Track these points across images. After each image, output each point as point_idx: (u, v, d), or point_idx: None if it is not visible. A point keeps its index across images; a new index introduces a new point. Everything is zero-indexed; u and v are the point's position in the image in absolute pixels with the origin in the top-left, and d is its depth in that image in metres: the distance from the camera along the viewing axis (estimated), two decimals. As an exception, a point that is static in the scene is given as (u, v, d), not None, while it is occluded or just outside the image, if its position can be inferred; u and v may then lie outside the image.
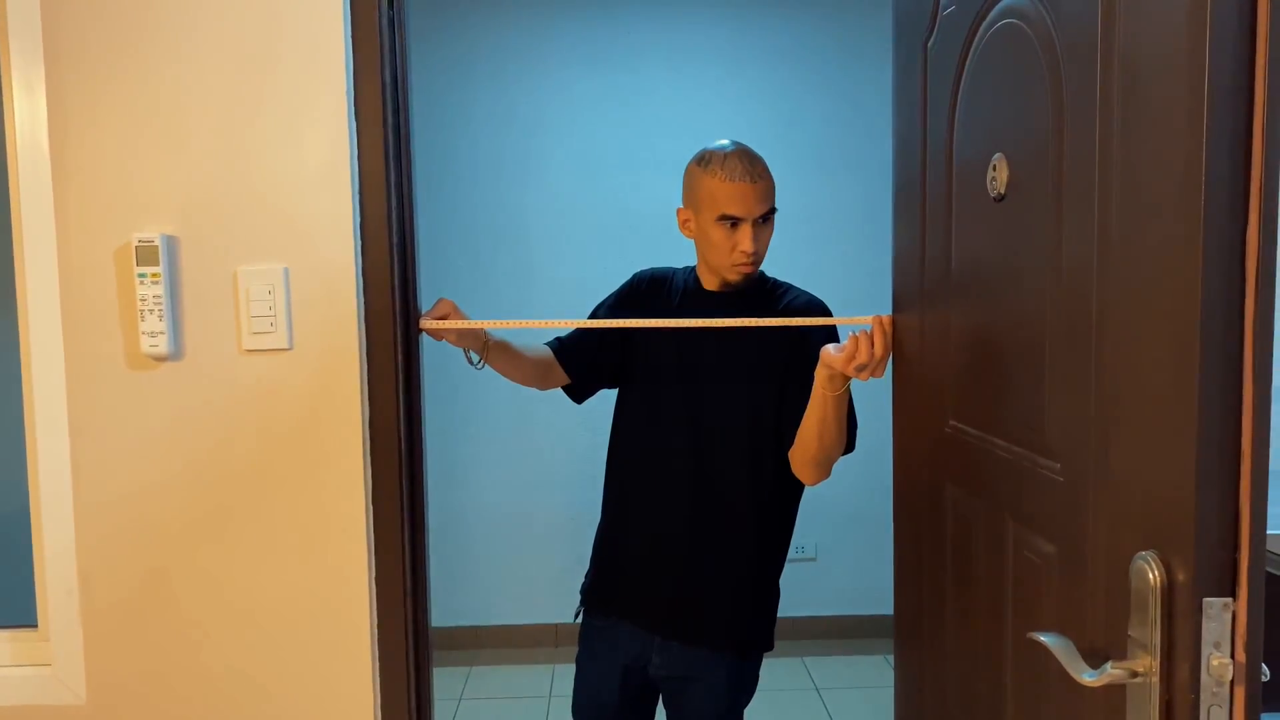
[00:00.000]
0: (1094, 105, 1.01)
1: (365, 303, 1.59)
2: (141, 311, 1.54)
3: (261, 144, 1.55)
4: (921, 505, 1.56)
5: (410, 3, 1.68)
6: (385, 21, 1.59)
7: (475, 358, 1.86)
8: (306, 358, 1.58)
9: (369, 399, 1.60)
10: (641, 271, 2.04)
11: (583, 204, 3.91)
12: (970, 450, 1.36)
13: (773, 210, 1.83)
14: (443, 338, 1.78)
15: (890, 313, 1.66)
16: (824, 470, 1.82)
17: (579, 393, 2.05)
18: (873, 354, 1.60)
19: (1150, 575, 0.91)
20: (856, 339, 1.61)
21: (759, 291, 1.92)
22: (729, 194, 1.78)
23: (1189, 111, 0.85)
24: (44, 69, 1.53)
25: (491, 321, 1.79)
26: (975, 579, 1.36)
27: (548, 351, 1.99)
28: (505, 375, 1.95)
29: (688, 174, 1.88)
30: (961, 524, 1.41)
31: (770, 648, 1.95)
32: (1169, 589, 0.90)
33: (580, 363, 1.99)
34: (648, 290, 1.99)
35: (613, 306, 2.00)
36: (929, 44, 1.47)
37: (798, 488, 1.93)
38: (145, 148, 1.55)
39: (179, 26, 1.53)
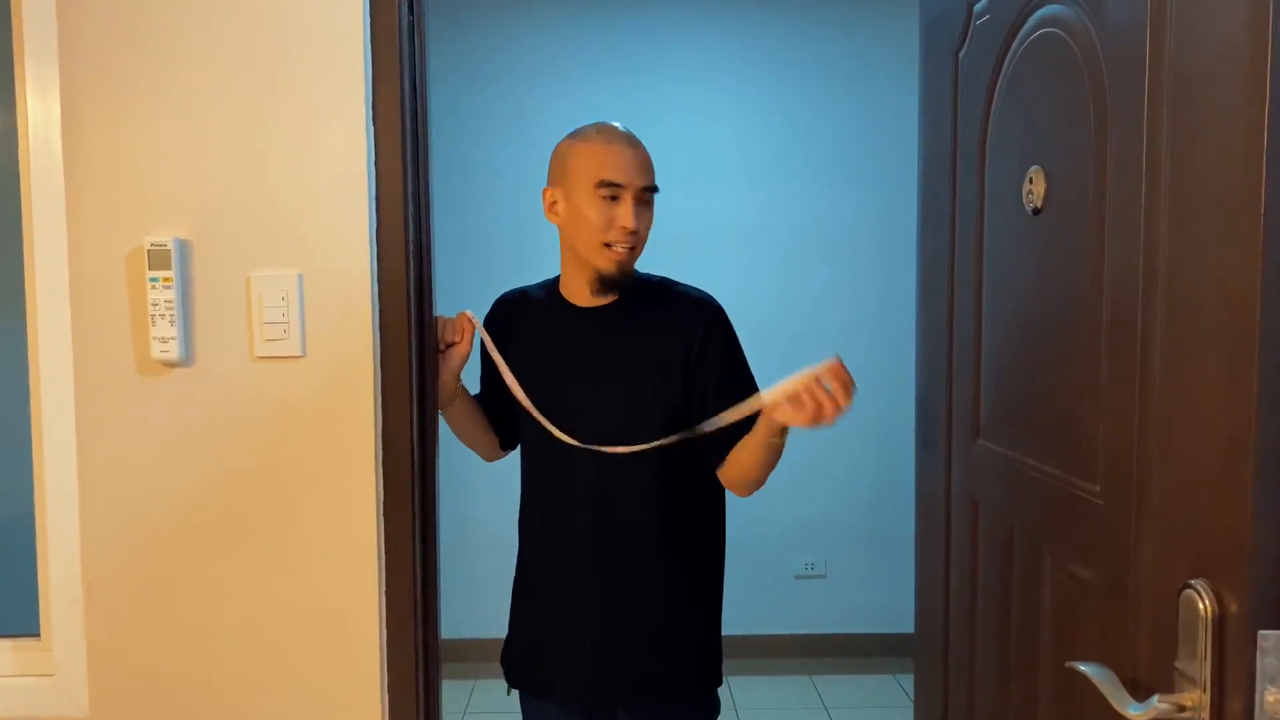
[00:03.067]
0: (1140, 115, 0.98)
1: (380, 311, 1.56)
2: (153, 316, 1.51)
3: (277, 148, 1.52)
4: (947, 527, 1.53)
5: (428, 9, 1.66)
6: (405, 26, 1.56)
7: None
8: (319, 366, 1.55)
9: (382, 409, 1.57)
10: (499, 296, 1.88)
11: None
12: (1001, 471, 1.32)
13: (653, 189, 1.63)
14: (455, 349, 1.70)
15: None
16: (761, 484, 1.66)
17: (507, 446, 1.90)
18: (830, 403, 1.36)
19: (1200, 605, 0.87)
20: (805, 396, 1.37)
21: (641, 291, 1.70)
22: (606, 158, 1.60)
23: (1249, 121, 0.82)
24: (58, 71, 1.51)
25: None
26: (1005, 604, 1.32)
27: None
28: (460, 431, 1.82)
29: (557, 151, 1.70)
30: (991, 546, 1.37)
31: (720, 681, 1.78)
32: (1220, 620, 0.86)
33: (498, 417, 1.83)
34: (506, 315, 1.81)
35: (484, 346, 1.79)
36: (960, 53, 1.44)
37: (721, 504, 1.75)
38: (159, 150, 1.52)
39: (195, 29, 1.51)
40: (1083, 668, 0.99)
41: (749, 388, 1.61)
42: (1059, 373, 1.18)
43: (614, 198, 1.60)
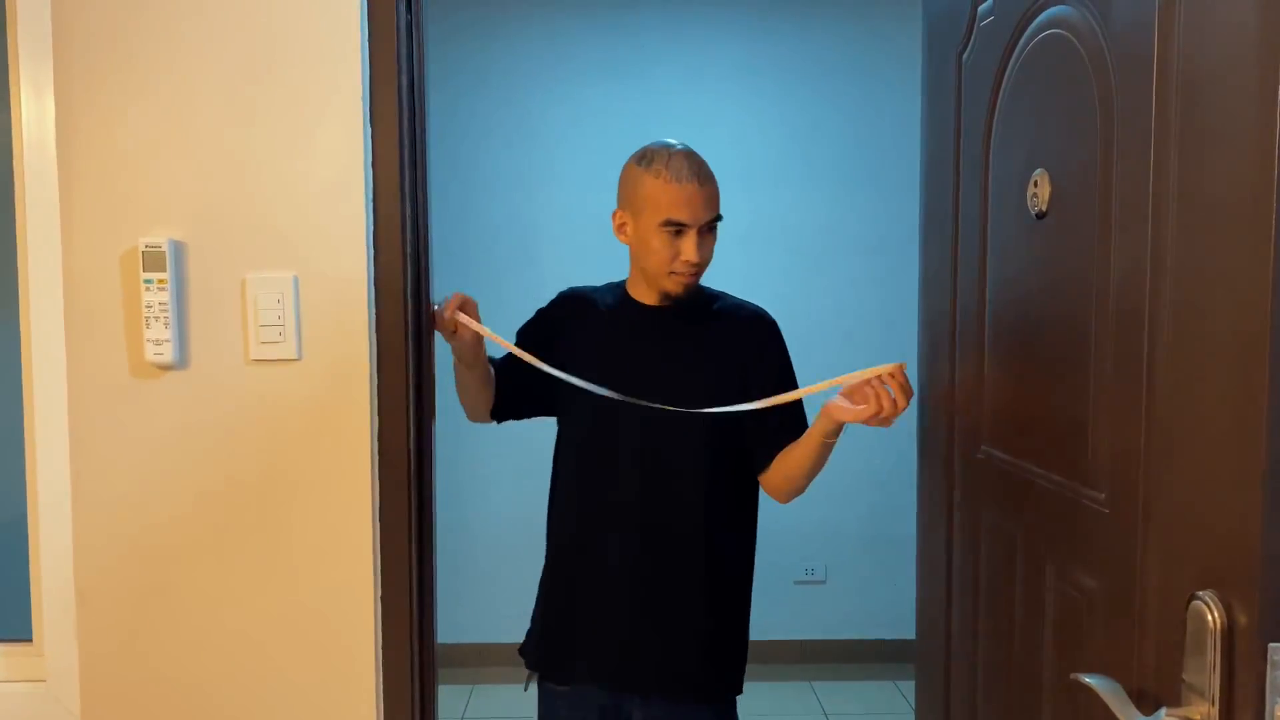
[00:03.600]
0: (1148, 118, 0.97)
1: (377, 313, 1.54)
2: (147, 318, 1.49)
3: (273, 149, 1.51)
4: (949, 533, 1.51)
5: (426, 10, 1.64)
6: (403, 26, 1.55)
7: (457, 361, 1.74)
8: (315, 369, 1.53)
9: (379, 412, 1.55)
10: (562, 291, 1.91)
11: (595, 216, 3.85)
12: (1005, 478, 1.31)
13: (718, 218, 1.68)
14: (460, 336, 1.66)
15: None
16: (802, 492, 1.71)
17: (498, 414, 1.89)
18: (895, 407, 1.42)
19: (1209, 617, 0.86)
20: (871, 392, 1.43)
21: (697, 303, 1.76)
22: (674, 197, 1.63)
23: (1259, 124, 0.80)
24: (53, 70, 1.49)
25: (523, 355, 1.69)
26: (1009, 613, 1.30)
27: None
28: (465, 390, 1.81)
29: (626, 173, 1.73)
30: (994, 554, 1.36)
31: (740, 690, 1.82)
32: (1229, 632, 0.85)
33: (503, 388, 1.84)
34: (565, 312, 1.86)
35: (533, 332, 1.85)
36: (964, 56, 1.43)
37: (754, 512, 1.80)
38: (154, 151, 1.51)
39: (190, 30, 1.50)
40: (1087, 679, 0.97)
41: (798, 402, 1.66)
42: (1064, 379, 1.16)
43: (679, 232, 1.65)
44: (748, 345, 1.71)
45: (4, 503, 1.65)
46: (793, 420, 1.68)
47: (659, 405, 1.63)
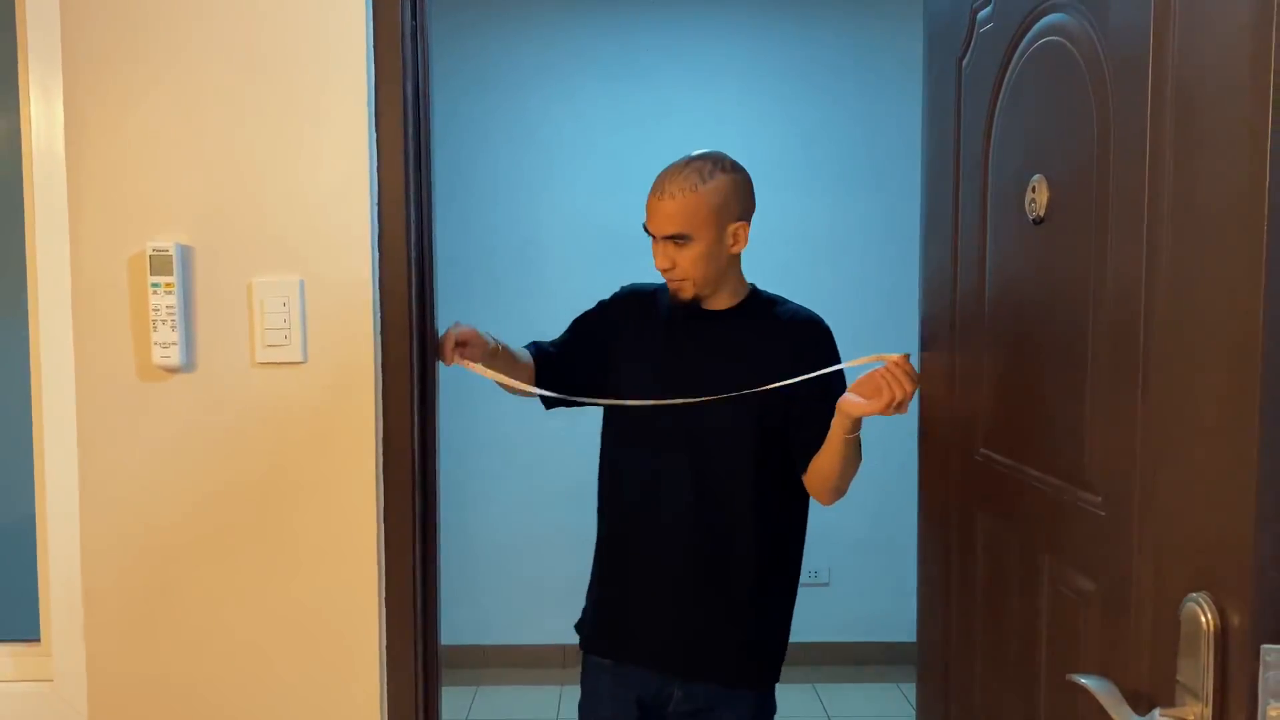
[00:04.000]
0: (1144, 124, 0.98)
1: (382, 317, 1.56)
2: (154, 321, 1.51)
3: (279, 154, 1.52)
4: (949, 535, 1.52)
5: (430, 13, 1.66)
6: (408, 30, 1.56)
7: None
8: (320, 372, 1.55)
9: (383, 415, 1.56)
10: (623, 287, 1.99)
11: (599, 220, 3.88)
12: (1003, 480, 1.32)
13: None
14: (460, 363, 1.72)
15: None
16: (843, 492, 1.77)
17: (548, 402, 1.94)
18: (905, 392, 1.52)
19: (1202, 619, 0.87)
20: (883, 382, 1.53)
21: (754, 305, 1.85)
22: (649, 207, 1.76)
23: (1252, 130, 0.81)
24: (62, 76, 1.51)
25: (529, 388, 1.77)
26: (1007, 614, 1.31)
27: (530, 359, 1.91)
28: (502, 384, 1.84)
29: None
30: (992, 556, 1.37)
31: (778, 678, 1.89)
32: (1223, 633, 0.86)
33: (554, 377, 1.89)
34: (629, 306, 1.93)
35: (593, 322, 1.94)
36: (964, 61, 1.44)
37: (804, 506, 1.86)
38: (162, 156, 1.52)
39: (198, 34, 1.51)
40: (1083, 680, 0.98)
41: (828, 408, 1.69)
42: (1061, 382, 1.17)
43: (658, 241, 1.76)
44: (797, 348, 1.75)
45: (13, 504, 1.67)
46: (821, 426, 1.70)
47: (686, 399, 1.71)
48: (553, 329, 2.03)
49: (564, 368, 1.91)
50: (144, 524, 1.56)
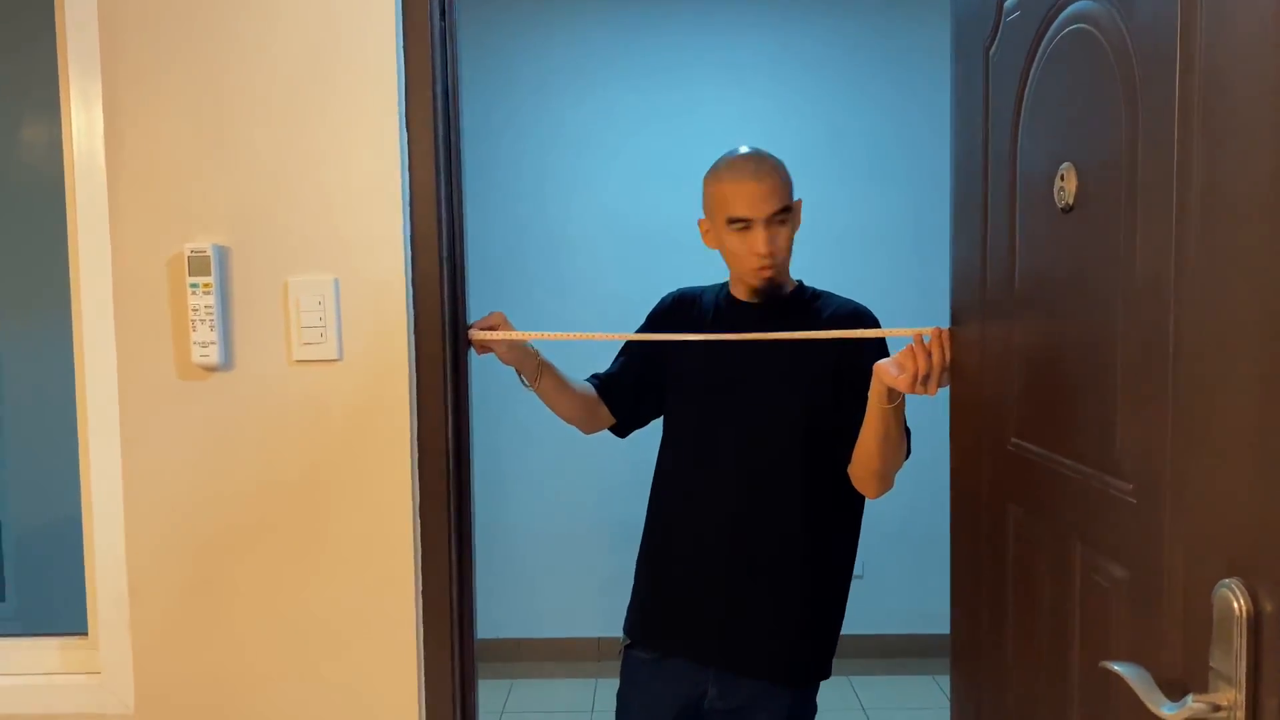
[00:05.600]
0: (1172, 111, 0.97)
1: (415, 315, 1.58)
2: (193, 321, 1.54)
3: (313, 155, 1.55)
4: (980, 526, 1.52)
5: (458, 13, 1.68)
6: (438, 33, 1.58)
7: (525, 381, 1.85)
8: (356, 369, 1.57)
9: (417, 412, 1.59)
10: (665, 296, 2.00)
11: (627, 217, 3.89)
12: (1034, 469, 1.31)
13: (786, 208, 1.77)
14: (491, 350, 1.76)
15: (943, 326, 1.62)
16: (888, 482, 1.77)
17: (623, 430, 2.01)
18: (930, 365, 1.54)
19: (1235, 605, 0.86)
20: (912, 353, 1.56)
21: (799, 301, 1.86)
22: (734, 195, 1.74)
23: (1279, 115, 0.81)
24: (101, 82, 1.54)
25: (540, 333, 1.78)
26: (1039, 603, 1.31)
27: (592, 390, 1.95)
28: (553, 407, 1.92)
29: (703, 183, 1.85)
30: (1024, 545, 1.36)
31: (827, 676, 1.89)
32: (1256, 619, 0.85)
33: (623, 400, 1.95)
34: (675, 312, 1.95)
35: (642, 333, 1.95)
36: (991, 50, 1.44)
37: (858, 504, 1.87)
38: (198, 159, 1.55)
39: (232, 39, 1.54)
40: (1116, 667, 0.98)
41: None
42: (1091, 370, 1.17)
43: (747, 227, 1.75)
44: (844, 340, 1.75)
45: (61, 502, 1.71)
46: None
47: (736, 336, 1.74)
48: (583, 325, 2.05)
49: (632, 384, 1.95)
50: (186, 520, 1.60)
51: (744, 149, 1.81)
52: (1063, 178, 1.21)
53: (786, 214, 1.77)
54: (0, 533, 2.62)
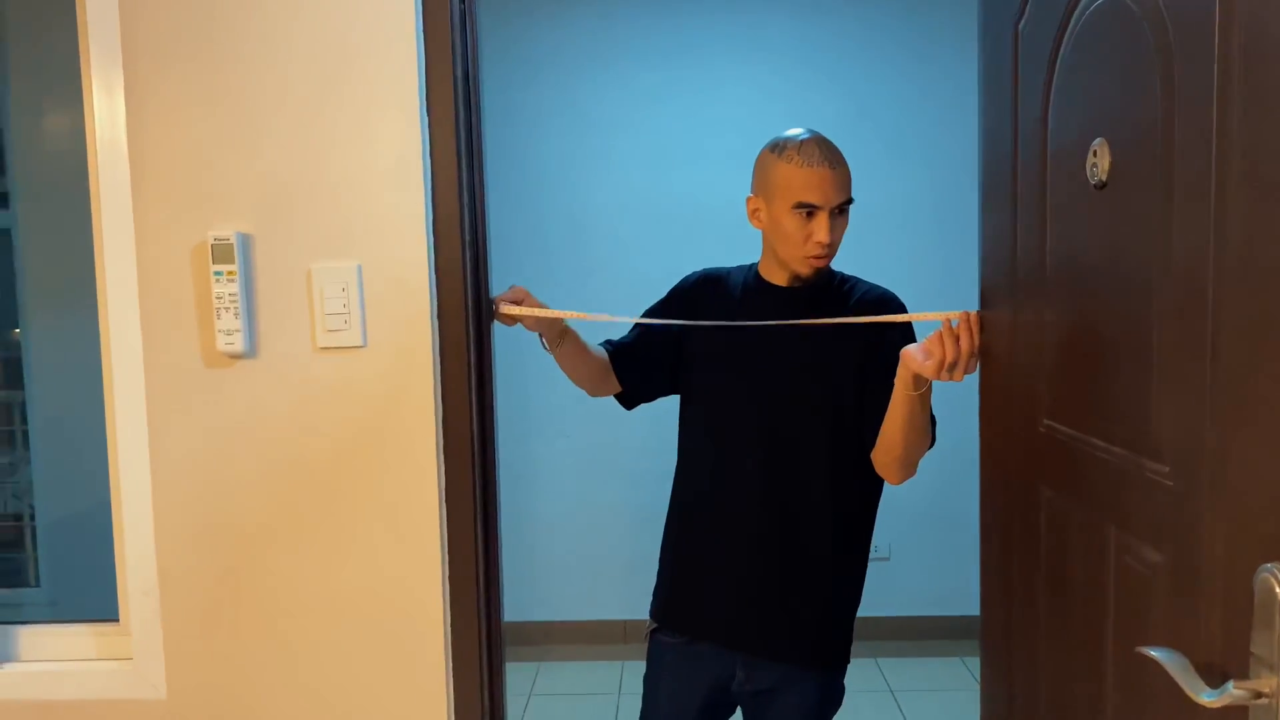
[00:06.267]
0: (1210, 85, 0.94)
1: (438, 300, 1.57)
2: (217, 309, 1.54)
3: (334, 142, 1.54)
4: (1011, 509, 1.50)
5: (480, -4, 1.66)
6: (457, 16, 1.57)
7: (546, 345, 1.84)
8: (380, 355, 1.57)
9: (442, 396, 1.58)
10: (690, 274, 1.97)
11: (649, 198, 3.87)
12: (1067, 452, 1.29)
13: (849, 201, 1.75)
14: (518, 320, 1.75)
15: (971, 308, 1.59)
16: (911, 469, 1.75)
17: (629, 400, 1.99)
18: (958, 352, 1.52)
19: (1277, 589, 0.85)
20: (939, 339, 1.53)
21: (828, 286, 1.83)
22: (805, 181, 1.70)
23: (1325, 87, 0.78)
24: (123, 71, 1.54)
25: (567, 312, 1.77)
26: (1072, 588, 1.29)
27: (605, 355, 1.93)
28: (568, 370, 1.90)
29: (760, 161, 1.80)
30: (1056, 529, 1.34)
31: (848, 660, 1.89)
32: (1298, 605, 0.84)
33: (633, 371, 1.93)
34: (699, 291, 1.92)
35: (661, 312, 1.93)
36: (1020, 25, 1.41)
37: (877, 490, 1.86)
38: (220, 147, 1.55)
39: (253, 26, 1.53)
40: (1153, 653, 0.97)
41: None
42: (1127, 351, 1.14)
43: (811, 215, 1.72)
44: (873, 326, 1.73)
45: (91, 490, 1.72)
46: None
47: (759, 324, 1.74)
48: (605, 305, 2.03)
49: (644, 356, 1.92)
50: (213, 507, 1.61)
51: (804, 132, 1.77)
52: (1095, 154, 1.18)
53: (848, 205, 1.75)
54: (33, 520, 2.65)
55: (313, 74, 1.53)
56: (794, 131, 1.77)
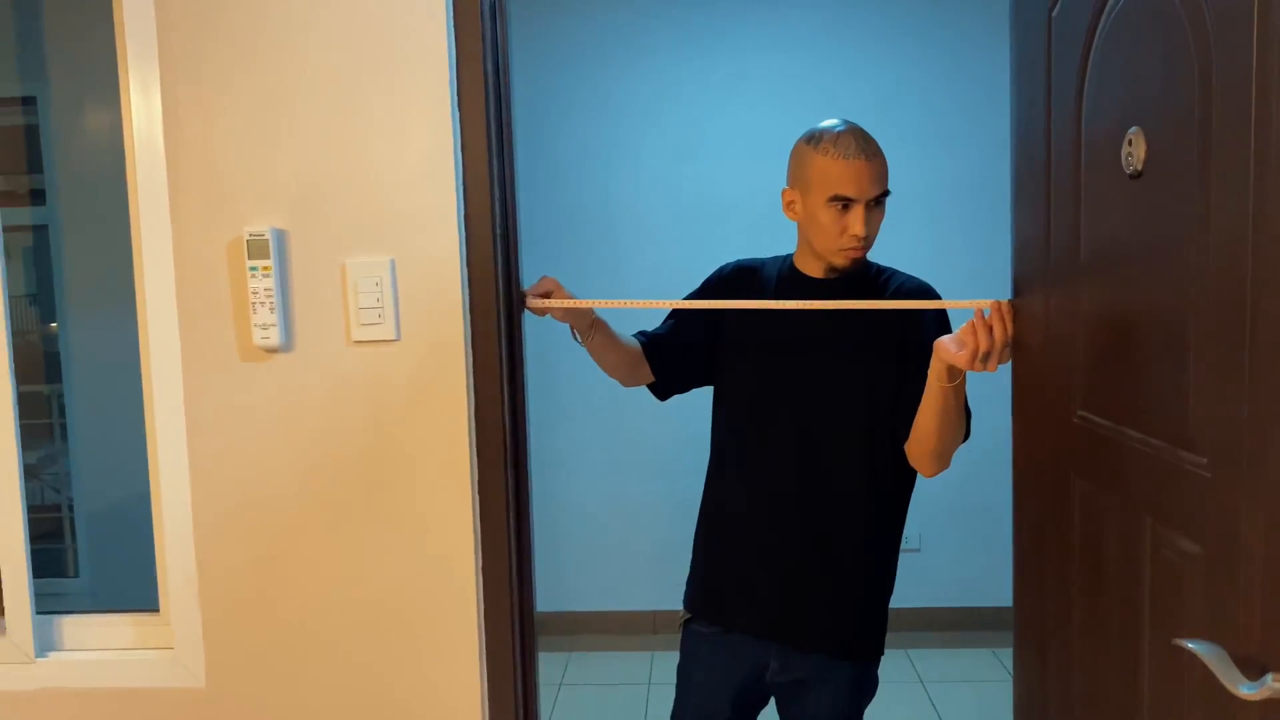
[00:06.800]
0: (1249, 73, 0.93)
1: (469, 294, 1.58)
2: (253, 304, 1.56)
3: (367, 137, 1.56)
4: (1045, 500, 1.49)
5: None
6: (487, 10, 1.58)
7: (577, 338, 1.84)
8: (413, 349, 1.58)
9: (474, 389, 1.60)
10: (725, 264, 1.96)
11: (678, 190, 3.87)
12: (1102, 442, 1.28)
13: (886, 193, 1.74)
14: (549, 311, 1.76)
15: (1001, 296, 1.58)
16: (944, 462, 1.74)
17: (662, 391, 1.98)
18: (991, 341, 1.52)
19: (1317, 581, 0.84)
20: (972, 329, 1.53)
21: (864, 278, 1.82)
22: (842, 173, 1.68)
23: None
24: (159, 69, 1.56)
25: (596, 301, 1.77)
26: (1106, 579, 1.29)
27: (638, 346, 1.93)
28: (600, 361, 1.89)
29: (796, 153, 1.78)
30: (1091, 520, 1.34)
31: (882, 651, 1.89)
32: (1339, 596, 0.83)
33: (666, 362, 1.92)
34: (734, 282, 1.91)
35: (698, 299, 1.92)
36: (1054, 12, 1.39)
37: (911, 482, 1.85)
38: (255, 144, 1.57)
39: (284, 23, 1.55)
40: (1190, 645, 0.96)
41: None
42: (1163, 341, 1.13)
43: (846, 207, 1.70)
44: (909, 317, 1.73)
45: (131, 481, 1.75)
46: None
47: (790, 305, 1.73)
48: (634, 295, 2.04)
49: (677, 346, 1.92)
50: (250, 499, 1.63)
51: (840, 123, 1.74)
52: (1130, 143, 1.17)
53: (885, 197, 1.74)
54: (72, 512, 2.70)
55: (345, 71, 1.55)
56: (830, 123, 1.75)
